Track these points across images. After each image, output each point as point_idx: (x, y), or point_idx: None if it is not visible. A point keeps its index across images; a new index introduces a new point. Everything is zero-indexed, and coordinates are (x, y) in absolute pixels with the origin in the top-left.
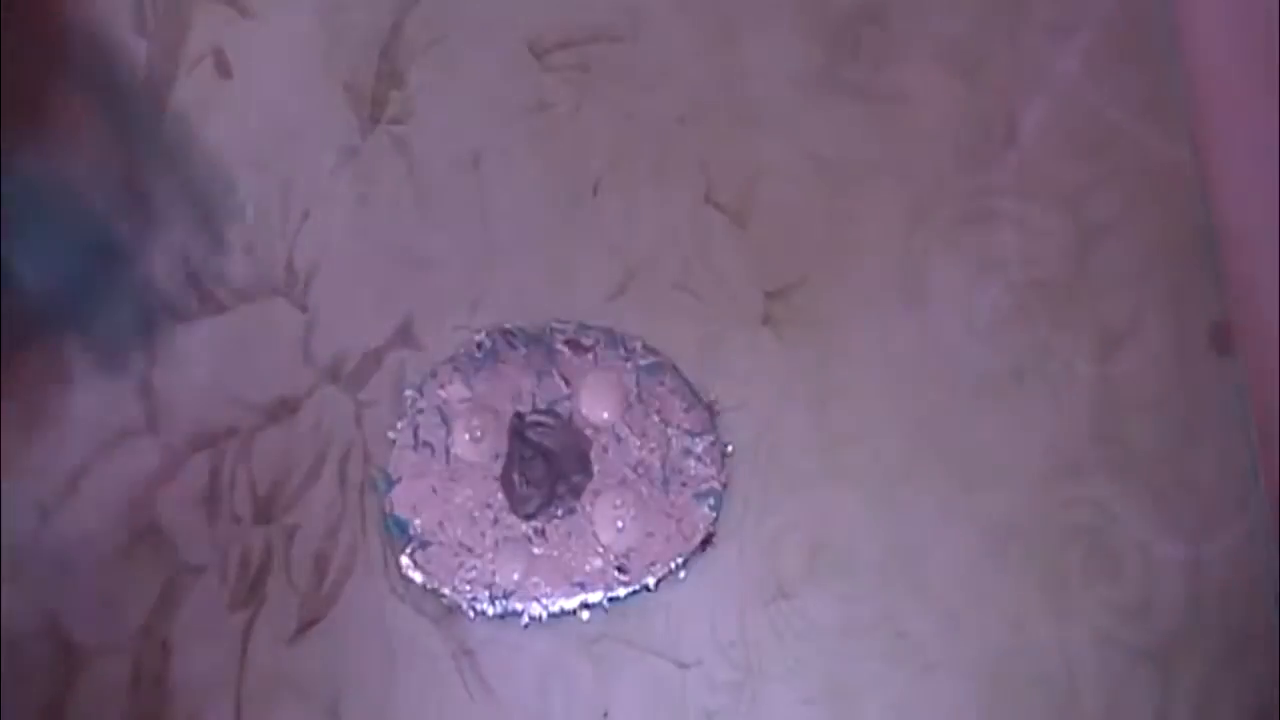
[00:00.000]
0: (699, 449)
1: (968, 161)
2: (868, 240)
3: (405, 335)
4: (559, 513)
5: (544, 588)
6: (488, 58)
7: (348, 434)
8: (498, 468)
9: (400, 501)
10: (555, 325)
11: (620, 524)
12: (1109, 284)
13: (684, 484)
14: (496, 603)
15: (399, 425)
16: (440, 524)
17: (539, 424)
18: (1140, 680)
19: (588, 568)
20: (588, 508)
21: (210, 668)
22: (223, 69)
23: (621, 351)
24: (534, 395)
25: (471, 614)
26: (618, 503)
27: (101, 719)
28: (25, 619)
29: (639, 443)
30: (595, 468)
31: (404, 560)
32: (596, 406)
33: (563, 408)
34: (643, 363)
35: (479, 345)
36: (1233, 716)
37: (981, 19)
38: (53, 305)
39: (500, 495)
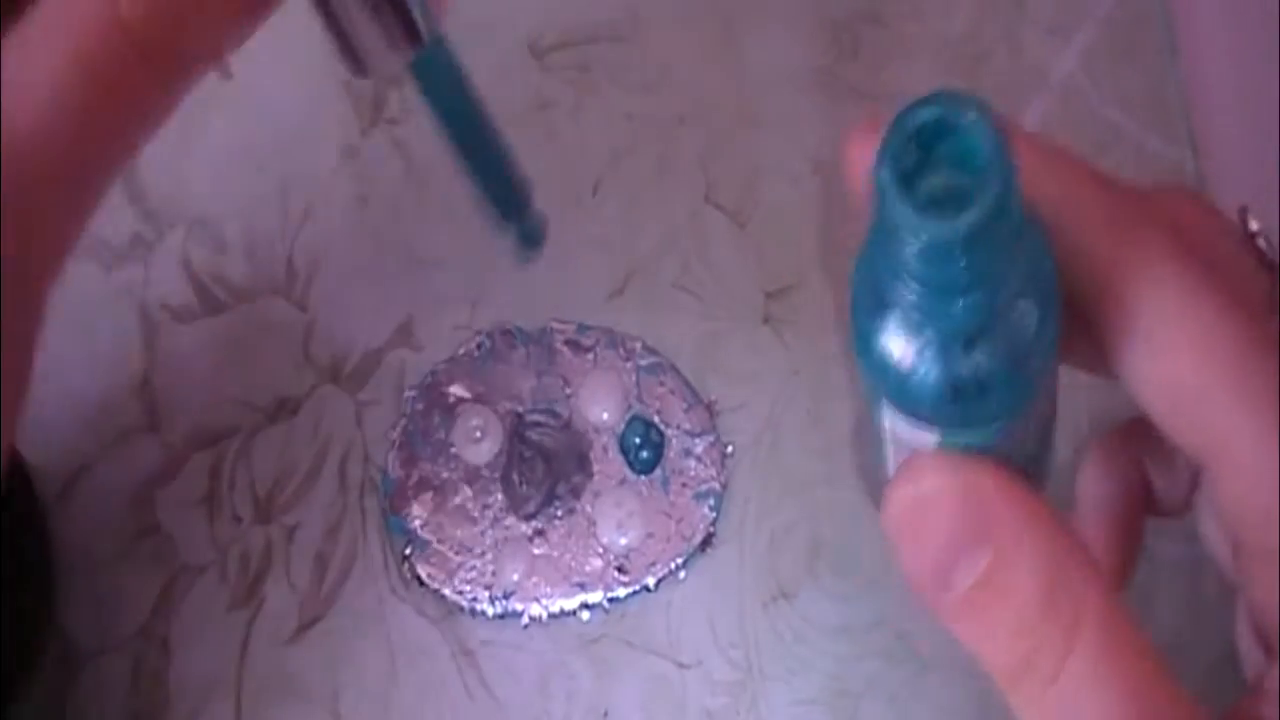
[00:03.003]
0: (699, 449)
1: None
2: None
3: (405, 335)
4: (559, 513)
5: (544, 588)
6: (487, 57)
7: (348, 434)
8: (498, 468)
9: (400, 501)
10: (555, 325)
11: (620, 524)
12: None
13: (684, 484)
14: (496, 603)
15: (399, 425)
16: (440, 524)
17: (539, 424)
18: None
19: (588, 568)
20: (588, 508)
21: (210, 668)
22: (223, 69)
23: (621, 351)
24: (534, 395)
25: (471, 614)
26: (618, 503)
27: (101, 719)
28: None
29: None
30: (595, 468)
31: (404, 560)
32: (596, 406)
33: (563, 408)
34: (643, 363)
35: (479, 345)
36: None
37: (981, 19)
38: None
39: (500, 495)
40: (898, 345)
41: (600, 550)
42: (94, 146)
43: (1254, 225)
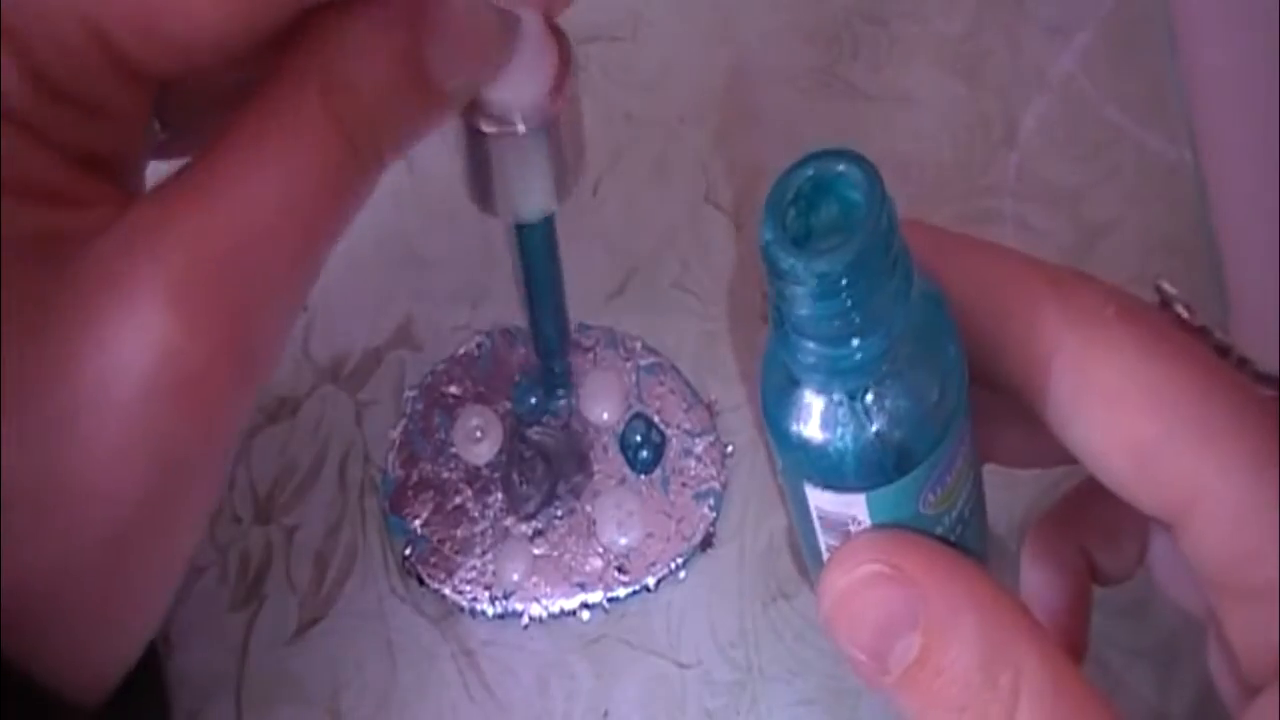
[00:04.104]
0: (699, 449)
1: (968, 161)
2: None
3: (405, 335)
4: (559, 513)
5: (544, 588)
6: None
7: (348, 434)
8: (498, 468)
9: (400, 501)
10: None
11: (620, 524)
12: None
13: (684, 484)
14: (496, 603)
15: (399, 425)
16: (440, 524)
17: (539, 424)
18: (1139, 680)
19: (588, 568)
20: (588, 508)
21: (210, 668)
22: None
23: (621, 351)
24: (533, 395)
25: (471, 614)
26: (618, 503)
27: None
28: None
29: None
30: (595, 468)
31: (404, 560)
32: (596, 406)
33: (562, 408)
34: (643, 363)
35: (479, 345)
36: (1232, 717)
37: (981, 19)
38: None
39: (500, 495)
40: (811, 417)
41: (600, 550)
42: (317, 250)
43: (1170, 290)
